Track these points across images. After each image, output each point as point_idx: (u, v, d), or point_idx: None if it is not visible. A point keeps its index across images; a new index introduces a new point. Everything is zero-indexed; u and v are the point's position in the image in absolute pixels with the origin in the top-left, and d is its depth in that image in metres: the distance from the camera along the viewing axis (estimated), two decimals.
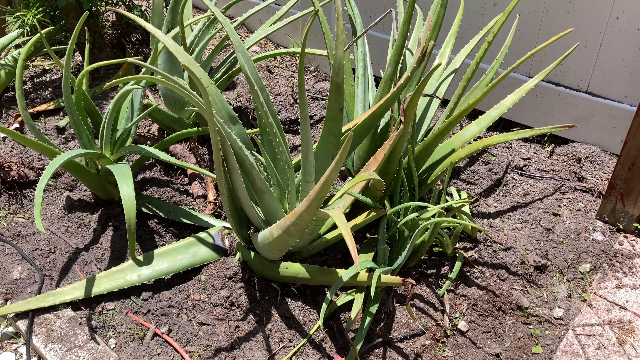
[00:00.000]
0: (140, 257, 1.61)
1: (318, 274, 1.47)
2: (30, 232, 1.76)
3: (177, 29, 1.89)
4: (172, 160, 1.69)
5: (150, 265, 1.58)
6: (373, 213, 1.53)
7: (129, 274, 1.57)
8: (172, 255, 1.61)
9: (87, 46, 1.88)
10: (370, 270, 1.42)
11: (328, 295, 1.36)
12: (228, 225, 1.70)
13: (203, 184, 1.93)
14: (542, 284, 1.60)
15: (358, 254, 1.59)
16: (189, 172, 1.98)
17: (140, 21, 1.37)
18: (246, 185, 1.41)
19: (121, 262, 1.66)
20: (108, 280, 1.55)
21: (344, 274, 1.37)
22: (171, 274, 1.58)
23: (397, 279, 1.36)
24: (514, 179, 1.98)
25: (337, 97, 1.33)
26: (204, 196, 1.88)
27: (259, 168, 1.42)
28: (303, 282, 1.52)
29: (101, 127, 1.72)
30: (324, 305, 1.35)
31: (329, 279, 1.46)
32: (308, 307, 1.52)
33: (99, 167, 1.80)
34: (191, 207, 1.85)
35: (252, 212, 1.43)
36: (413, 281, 1.33)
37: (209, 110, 1.13)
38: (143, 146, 1.73)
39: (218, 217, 1.79)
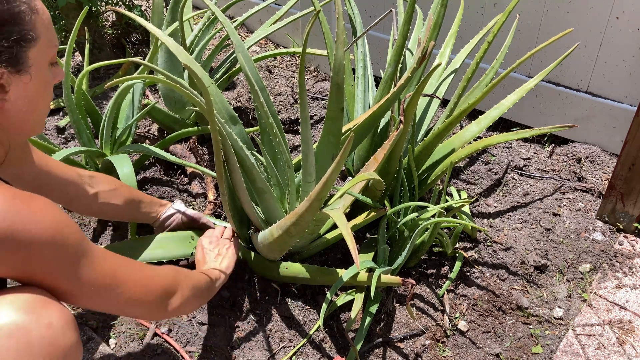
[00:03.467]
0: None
1: (318, 274, 1.47)
2: None
3: (175, 25, 1.89)
4: (173, 158, 1.69)
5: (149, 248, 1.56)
6: (373, 213, 1.53)
7: None
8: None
9: (87, 46, 1.88)
10: (370, 270, 1.42)
11: (328, 295, 1.36)
12: (228, 225, 1.70)
13: (203, 184, 1.93)
14: (542, 284, 1.60)
15: (358, 254, 1.59)
16: (189, 171, 1.98)
17: (141, 20, 1.37)
18: (246, 185, 1.41)
19: None
20: None
21: (344, 274, 1.38)
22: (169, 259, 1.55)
23: (397, 279, 1.36)
24: (514, 179, 1.98)
25: (338, 97, 1.33)
26: (204, 195, 1.88)
27: (259, 168, 1.42)
28: (303, 282, 1.52)
29: (101, 126, 1.72)
30: (324, 306, 1.35)
31: (329, 279, 1.46)
32: (308, 307, 1.52)
33: (99, 166, 1.80)
34: (191, 206, 1.85)
35: (252, 212, 1.43)
36: (413, 281, 1.33)
37: (210, 110, 1.13)
38: (145, 145, 1.73)
39: (218, 216, 1.79)
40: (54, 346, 0.80)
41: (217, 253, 1.41)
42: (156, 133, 2.18)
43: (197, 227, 1.61)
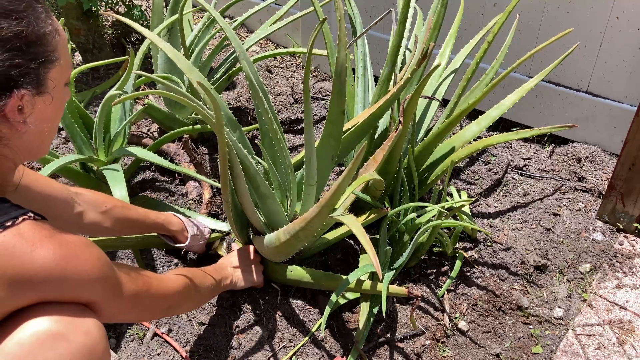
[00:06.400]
0: None
1: (323, 279, 1.46)
2: None
3: (173, 18, 1.88)
4: (166, 164, 1.66)
5: None
6: (373, 215, 1.53)
7: None
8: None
9: (68, 46, 1.85)
10: (374, 276, 1.42)
11: (332, 297, 1.35)
12: (225, 227, 1.70)
13: (199, 182, 1.92)
14: (542, 284, 1.60)
15: (359, 255, 1.59)
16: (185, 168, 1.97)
17: (136, 26, 1.35)
18: (249, 190, 1.41)
19: None
20: None
21: (350, 276, 1.37)
22: None
23: (403, 290, 1.36)
24: (514, 179, 1.98)
25: (339, 100, 1.32)
26: (200, 195, 1.88)
27: (260, 173, 1.41)
28: (307, 286, 1.51)
29: (93, 131, 1.71)
30: (327, 308, 1.34)
31: (334, 285, 1.44)
32: (308, 307, 1.52)
33: (95, 169, 1.79)
34: (187, 206, 1.84)
35: (255, 217, 1.43)
36: (418, 293, 1.34)
37: (220, 124, 1.10)
38: (136, 148, 1.72)
39: (214, 216, 1.78)
40: (93, 353, 0.82)
41: (242, 268, 1.48)
42: (156, 133, 2.18)
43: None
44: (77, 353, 0.80)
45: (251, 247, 1.52)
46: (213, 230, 1.68)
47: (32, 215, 0.82)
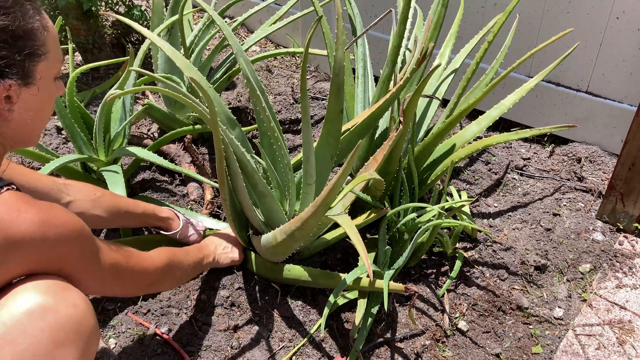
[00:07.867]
0: None
1: (321, 277, 1.46)
2: None
3: (173, 18, 1.88)
4: (166, 164, 1.66)
5: None
6: (373, 214, 1.53)
7: None
8: None
9: (69, 48, 1.85)
10: (374, 274, 1.41)
11: (331, 298, 1.36)
12: (226, 225, 1.70)
13: (200, 183, 1.92)
14: (542, 284, 1.60)
15: (359, 255, 1.59)
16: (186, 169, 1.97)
17: (136, 25, 1.35)
18: (247, 189, 1.41)
19: None
20: None
21: (347, 276, 1.37)
22: None
23: (400, 287, 1.36)
24: (514, 179, 1.98)
25: (337, 99, 1.32)
26: (201, 195, 1.88)
27: (259, 171, 1.42)
28: (305, 284, 1.51)
29: (94, 131, 1.71)
30: (326, 309, 1.34)
31: (332, 283, 1.45)
32: (308, 307, 1.52)
33: (95, 168, 1.79)
34: (189, 206, 1.84)
35: (253, 216, 1.43)
36: (415, 289, 1.33)
37: (214, 120, 1.10)
38: (137, 148, 1.72)
39: (216, 216, 1.79)
40: (80, 325, 0.87)
41: (224, 247, 1.54)
42: (156, 134, 2.18)
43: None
44: (64, 324, 0.84)
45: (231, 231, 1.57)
46: (211, 230, 1.68)
47: (14, 187, 0.88)
